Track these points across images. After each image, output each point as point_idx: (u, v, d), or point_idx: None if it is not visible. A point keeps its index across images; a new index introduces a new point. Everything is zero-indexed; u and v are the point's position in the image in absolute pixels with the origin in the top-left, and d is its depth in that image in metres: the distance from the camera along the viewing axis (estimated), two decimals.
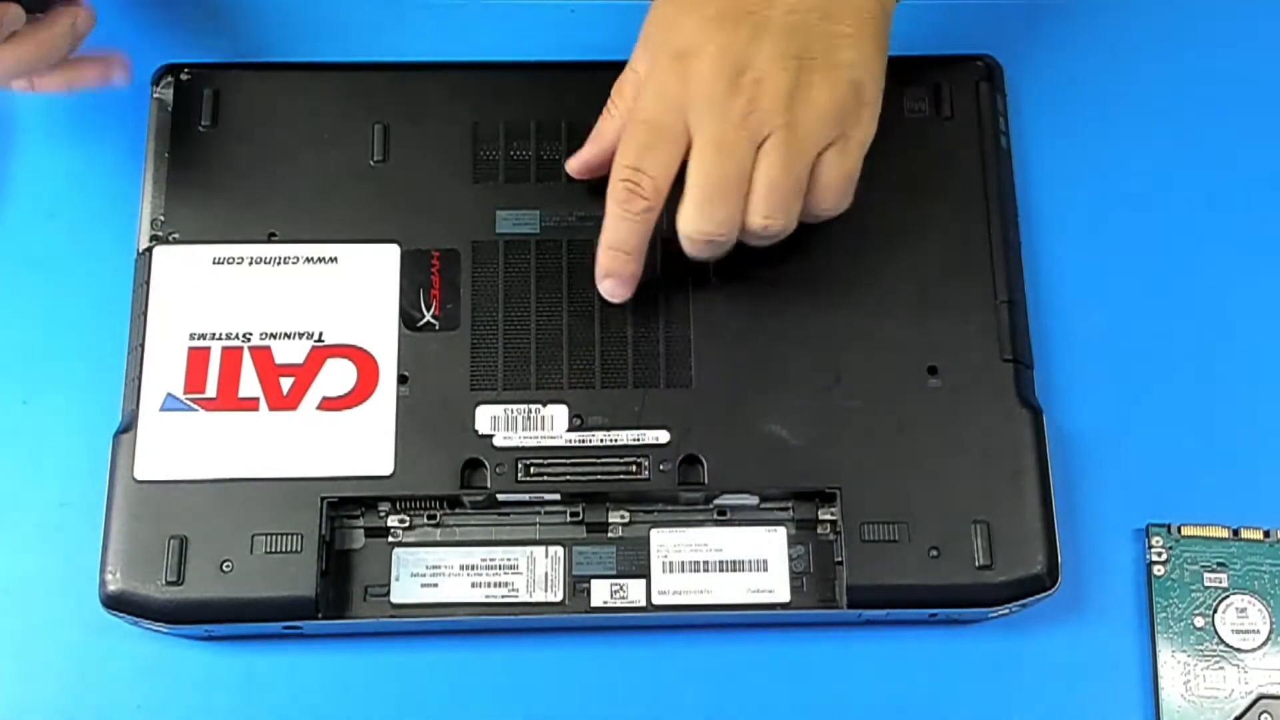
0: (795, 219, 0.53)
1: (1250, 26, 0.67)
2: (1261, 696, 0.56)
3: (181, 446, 0.56)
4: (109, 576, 0.54)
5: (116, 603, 0.54)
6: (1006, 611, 0.56)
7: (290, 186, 0.60)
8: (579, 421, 0.56)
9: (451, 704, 0.57)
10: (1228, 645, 0.57)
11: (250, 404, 0.56)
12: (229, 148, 0.60)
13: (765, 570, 0.56)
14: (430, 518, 0.57)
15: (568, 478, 0.56)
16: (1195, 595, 0.58)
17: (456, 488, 0.56)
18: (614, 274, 0.56)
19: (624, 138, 0.54)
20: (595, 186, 0.59)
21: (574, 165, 0.58)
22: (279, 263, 0.58)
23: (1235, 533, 0.58)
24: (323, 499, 0.55)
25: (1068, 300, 0.62)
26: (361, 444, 0.56)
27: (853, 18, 0.52)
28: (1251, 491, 0.59)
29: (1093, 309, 0.62)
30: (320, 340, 0.57)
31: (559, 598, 0.56)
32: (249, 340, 0.57)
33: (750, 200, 0.52)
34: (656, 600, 0.56)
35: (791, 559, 0.56)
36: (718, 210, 0.52)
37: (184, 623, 0.54)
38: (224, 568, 0.54)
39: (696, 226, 0.53)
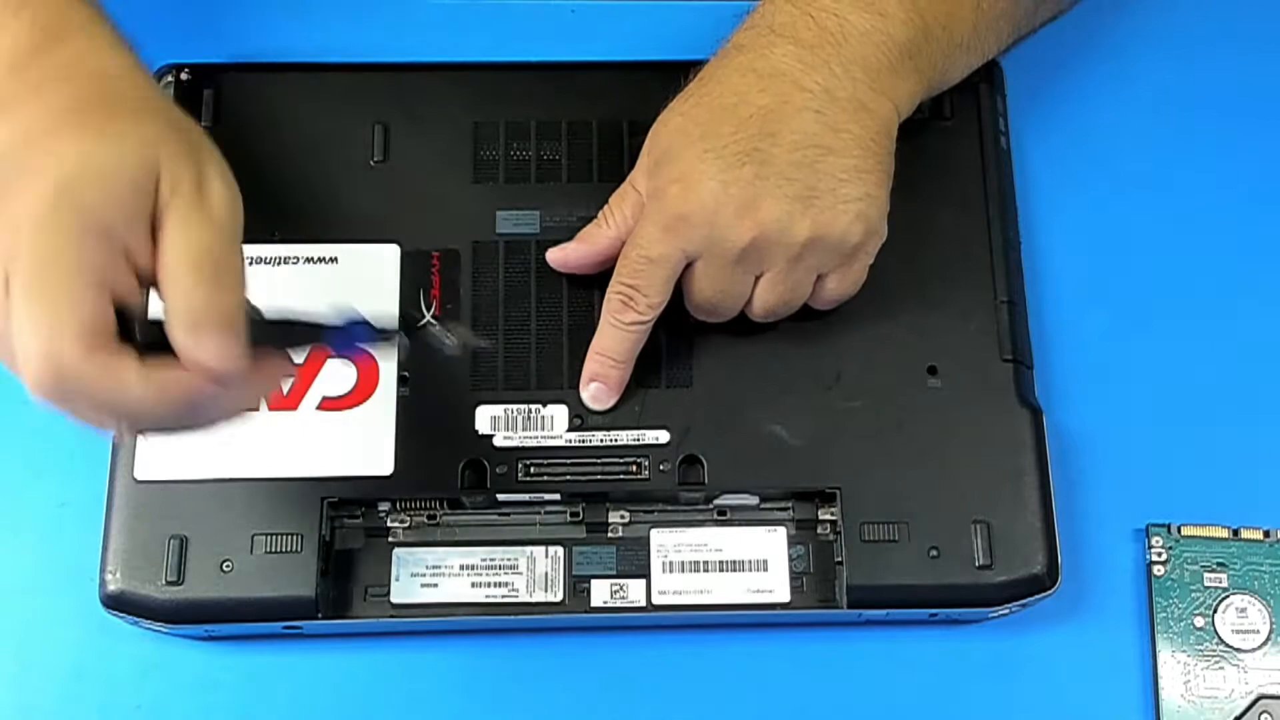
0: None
1: (1249, 26, 0.67)
2: (1261, 696, 0.56)
3: (181, 446, 0.55)
4: (109, 576, 0.54)
5: (116, 603, 0.54)
6: (1006, 611, 0.56)
7: (290, 186, 0.59)
8: (579, 421, 0.56)
9: (451, 704, 0.57)
10: (1228, 645, 0.57)
11: None
12: (229, 148, 0.59)
13: (765, 570, 0.56)
14: (430, 518, 0.57)
15: (568, 478, 0.56)
16: (1195, 595, 0.58)
17: (456, 488, 0.56)
18: (600, 379, 0.56)
19: (622, 257, 0.54)
20: (595, 187, 0.59)
21: (555, 258, 0.58)
22: (279, 262, 0.58)
23: (1235, 533, 0.58)
24: (323, 499, 0.55)
25: (1068, 300, 0.62)
26: (361, 444, 0.56)
27: (857, 149, 0.52)
28: (1251, 491, 0.59)
29: (1093, 309, 0.62)
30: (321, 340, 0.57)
31: (559, 598, 0.56)
32: None
33: (749, 306, 0.55)
34: (656, 600, 0.56)
35: (791, 559, 0.56)
36: (713, 317, 0.55)
37: (184, 623, 0.54)
38: (224, 568, 0.54)
39: (695, 316, 0.56)
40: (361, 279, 0.58)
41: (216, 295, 0.43)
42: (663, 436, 0.56)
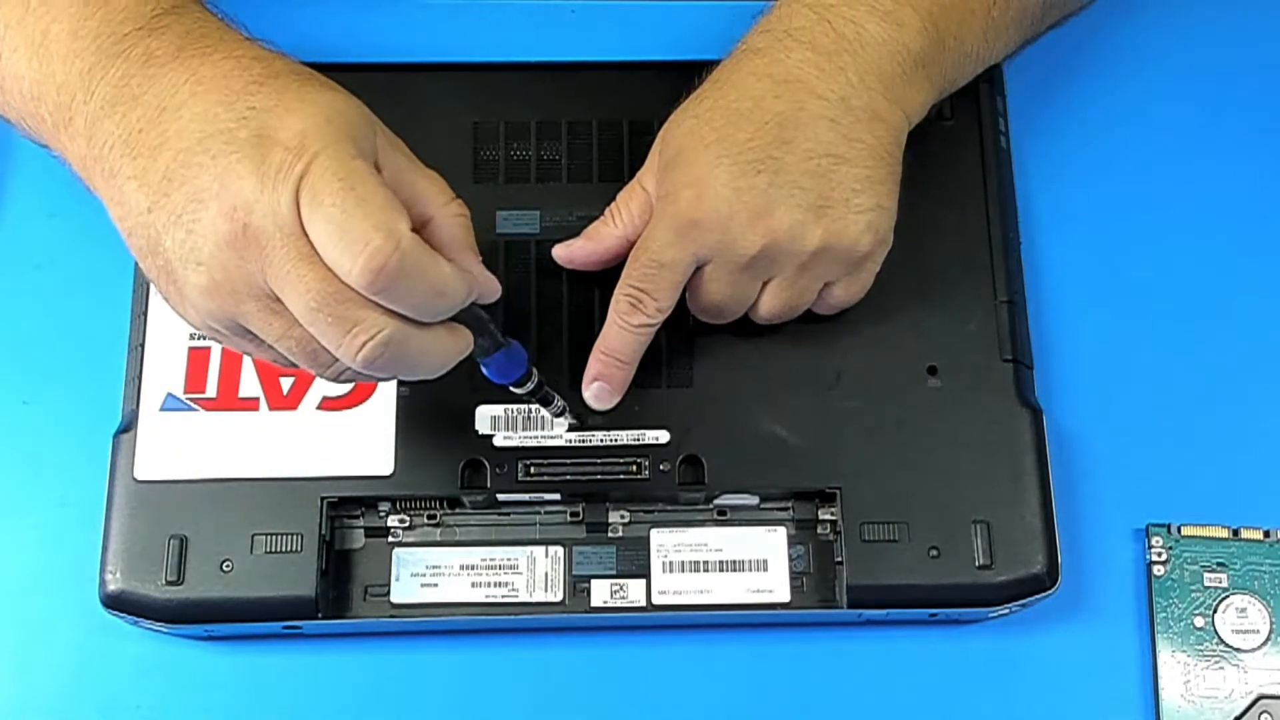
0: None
1: (1250, 27, 0.67)
2: (1261, 696, 0.56)
3: (181, 446, 0.56)
4: (109, 576, 0.54)
5: (116, 603, 0.54)
6: (1006, 611, 0.56)
7: None
8: (579, 421, 0.56)
9: (451, 704, 0.57)
10: (1228, 645, 0.57)
11: (250, 404, 0.56)
12: None
13: (765, 570, 0.56)
14: (430, 518, 0.57)
15: (568, 478, 0.56)
16: (1195, 595, 0.58)
17: (456, 488, 0.56)
18: (605, 378, 0.55)
19: (632, 260, 0.54)
20: (595, 188, 0.59)
21: (561, 254, 0.57)
22: None
23: (1235, 533, 0.58)
24: (323, 499, 0.55)
25: (1068, 300, 0.62)
26: (361, 444, 0.56)
27: (870, 159, 0.52)
28: (1251, 491, 0.59)
29: (1093, 309, 0.62)
30: None
31: (559, 598, 0.56)
32: None
33: (753, 310, 0.55)
34: (656, 600, 0.56)
35: (791, 559, 0.56)
36: (717, 319, 0.56)
37: (184, 623, 0.54)
38: (224, 568, 0.54)
39: (699, 317, 0.56)
40: None
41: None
42: (663, 436, 0.56)
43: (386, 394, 0.56)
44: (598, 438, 0.56)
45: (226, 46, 0.47)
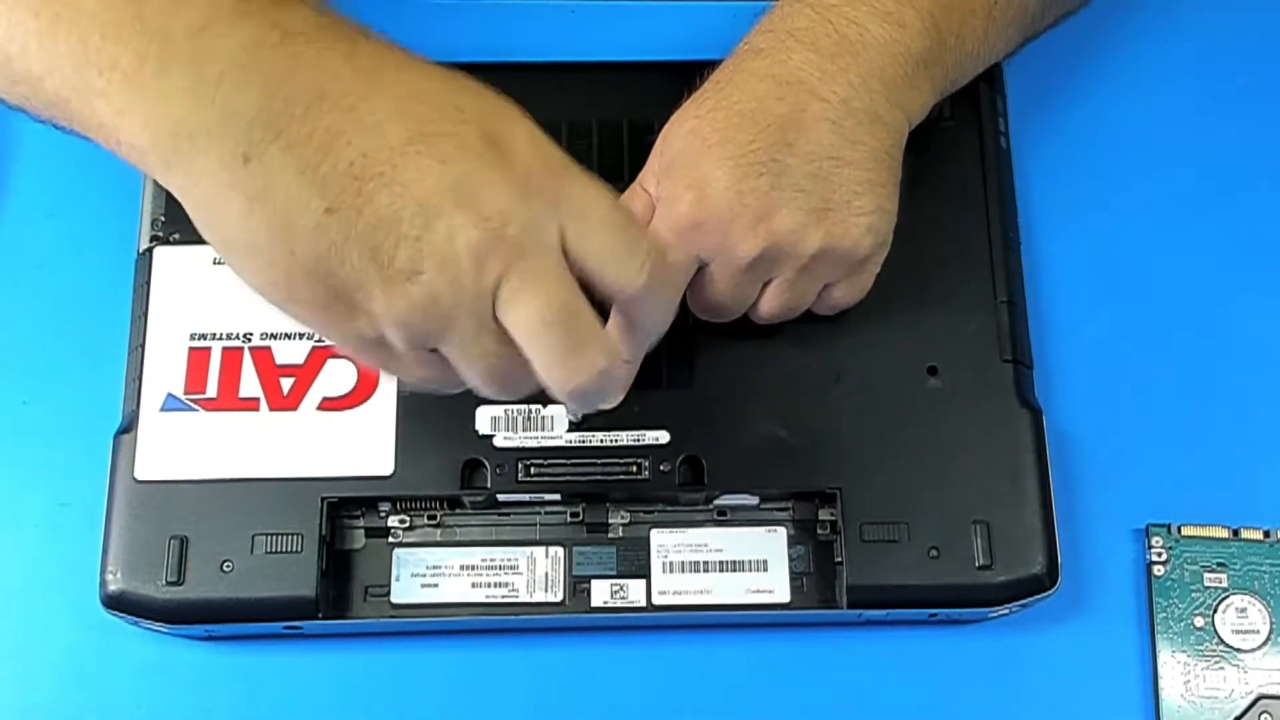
0: None
1: (1250, 25, 0.67)
2: (1261, 696, 0.56)
3: (181, 446, 0.56)
4: (109, 576, 0.54)
5: (116, 603, 0.54)
6: (1006, 611, 0.56)
7: None
8: (578, 421, 0.56)
9: (451, 704, 0.57)
10: (1228, 645, 0.57)
11: (250, 404, 0.56)
12: None
13: (765, 570, 0.56)
14: (430, 518, 0.57)
15: (568, 478, 0.56)
16: (1195, 595, 0.58)
17: (457, 488, 0.56)
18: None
19: None
20: None
21: None
22: None
23: (1235, 533, 0.58)
24: (323, 499, 0.55)
25: (1068, 300, 0.62)
26: (361, 444, 0.56)
27: (871, 161, 0.52)
28: (1251, 491, 0.59)
29: (1093, 309, 0.62)
30: (320, 340, 0.57)
31: (559, 598, 0.56)
32: (249, 340, 0.57)
33: (753, 310, 0.55)
34: (656, 600, 0.56)
35: (791, 559, 0.56)
36: (718, 319, 0.55)
37: (184, 623, 0.54)
38: (224, 568, 0.54)
39: (699, 316, 0.56)
40: None
41: None
42: (663, 436, 0.56)
43: (387, 394, 0.56)
44: (598, 438, 0.56)
45: (354, 30, 0.42)
